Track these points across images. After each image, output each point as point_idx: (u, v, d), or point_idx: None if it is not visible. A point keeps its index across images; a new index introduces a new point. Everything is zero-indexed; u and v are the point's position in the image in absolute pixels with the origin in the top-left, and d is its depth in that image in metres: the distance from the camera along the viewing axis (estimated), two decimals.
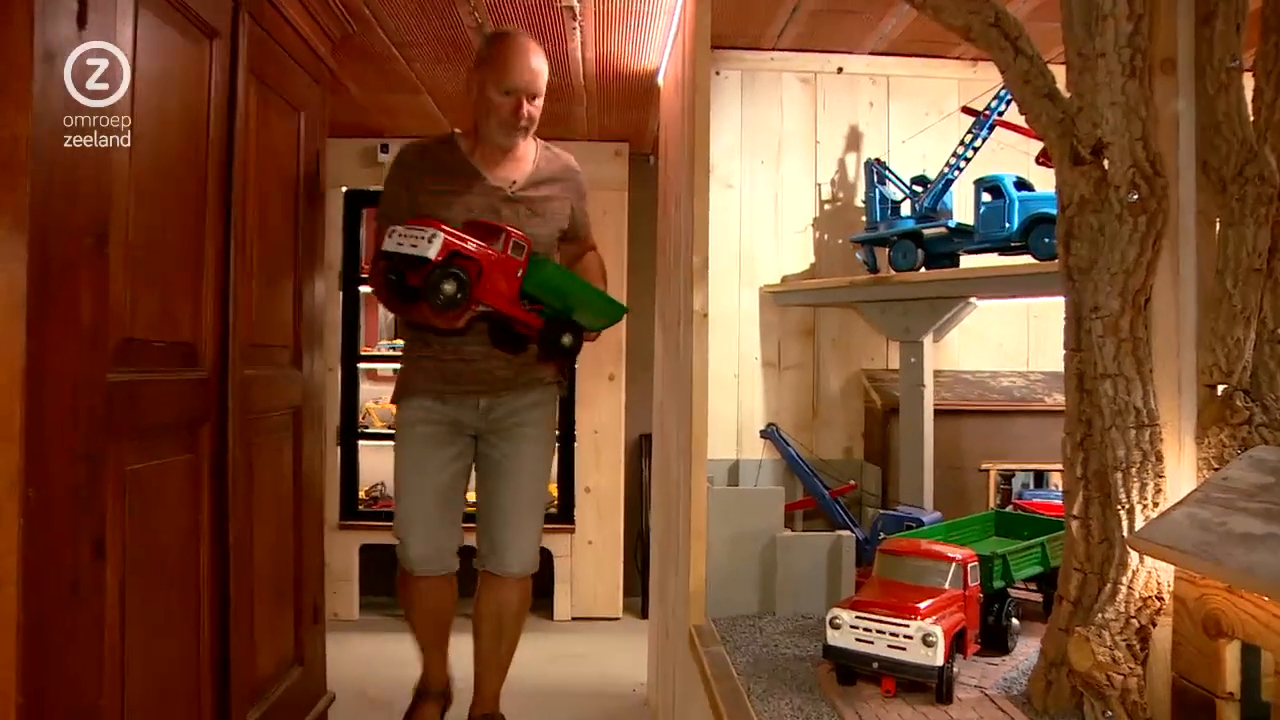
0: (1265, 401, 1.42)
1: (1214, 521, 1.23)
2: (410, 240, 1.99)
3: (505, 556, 2.38)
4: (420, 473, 2.34)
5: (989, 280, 2.29)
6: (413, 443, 2.36)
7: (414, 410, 2.37)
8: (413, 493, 2.35)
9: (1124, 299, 1.45)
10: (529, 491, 2.42)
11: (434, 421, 2.35)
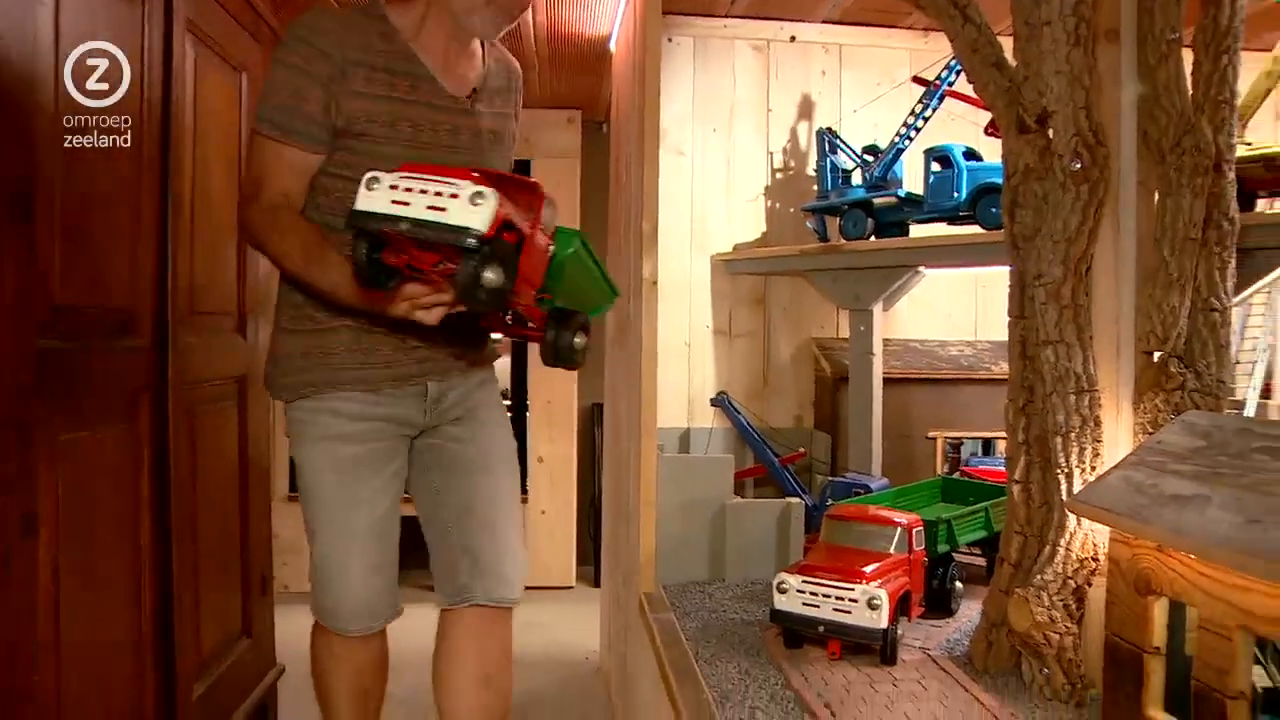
0: (1198, 368, 1.46)
1: (1147, 484, 1.26)
2: (430, 197, 1.25)
3: (501, 575, 1.69)
4: (350, 507, 1.64)
5: (938, 249, 2.32)
6: (334, 469, 1.63)
7: (329, 418, 1.63)
8: (341, 536, 1.65)
9: (1066, 266, 1.47)
10: (508, 486, 1.79)
11: (364, 433, 1.64)
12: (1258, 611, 1.06)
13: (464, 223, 1.22)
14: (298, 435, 1.67)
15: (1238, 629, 1.09)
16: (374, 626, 1.71)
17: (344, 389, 1.63)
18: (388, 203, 1.26)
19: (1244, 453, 1.20)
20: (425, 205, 1.24)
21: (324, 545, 1.67)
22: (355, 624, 1.69)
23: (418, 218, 1.24)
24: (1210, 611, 1.13)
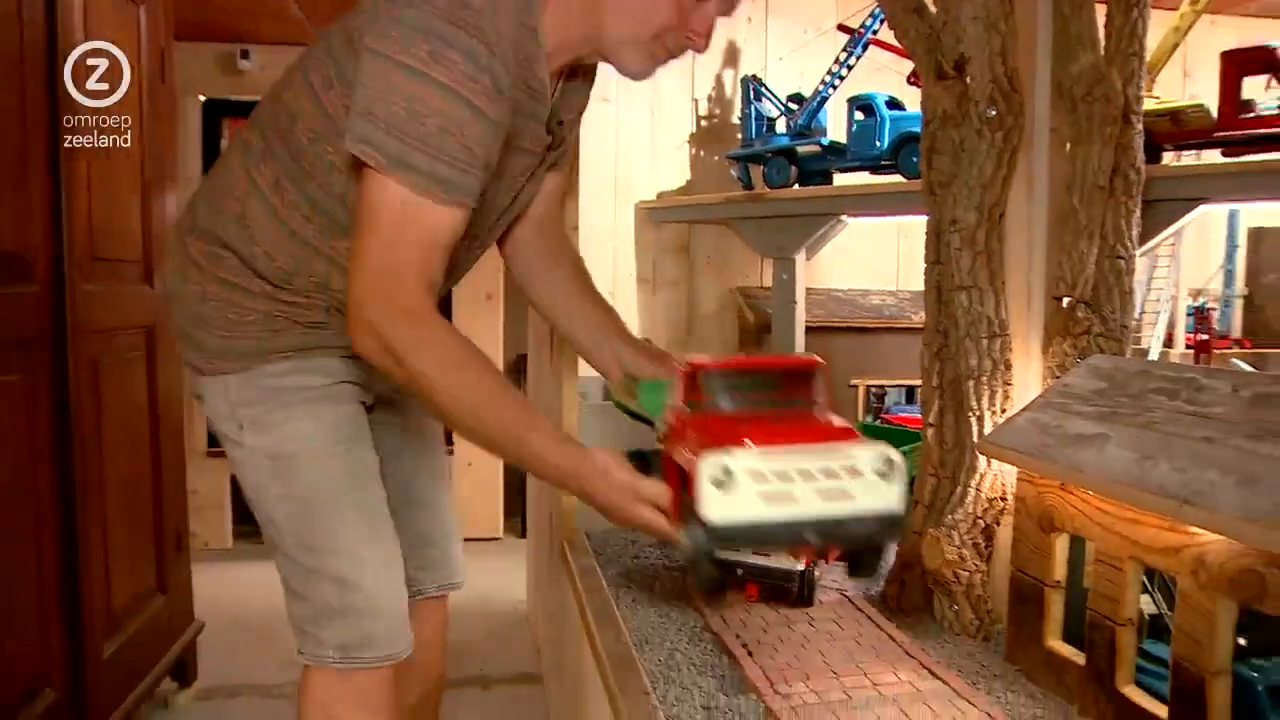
0: (1104, 313, 1.50)
1: (1052, 425, 1.29)
2: (820, 481, 0.94)
3: (450, 564, 1.63)
4: (370, 480, 1.38)
5: (860, 198, 2.33)
6: (337, 435, 1.36)
7: (303, 377, 1.35)
8: (373, 525, 1.36)
9: (980, 212, 1.49)
10: (442, 459, 1.69)
11: (348, 394, 1.41)
12: (1147, 543, 1.11)
13: (880, 507, 0.95)
14: (270, 407, 1.33)
15: (1129, 560, 1.14)
16: (410, 646, 1.39)
17: (323, 354, 1.37)
18: (761, 505, 0.91)
19: (1141, 393, 1.24)
20: (816, 492, 0.93)
21: (352, 546, 1.32)
22: (403, 642, 1.36)
23: (820, 519, 0.93)
24: (1105, 545, 1.18)
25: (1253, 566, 0.96)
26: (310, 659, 1.35)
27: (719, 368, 1.12)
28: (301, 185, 1.30)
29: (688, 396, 1.11)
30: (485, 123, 1.16)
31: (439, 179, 1.14)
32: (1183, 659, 1.06)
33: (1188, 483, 1.02)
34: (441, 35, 1.11)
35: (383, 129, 1.12)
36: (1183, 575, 1.06)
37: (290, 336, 1.35)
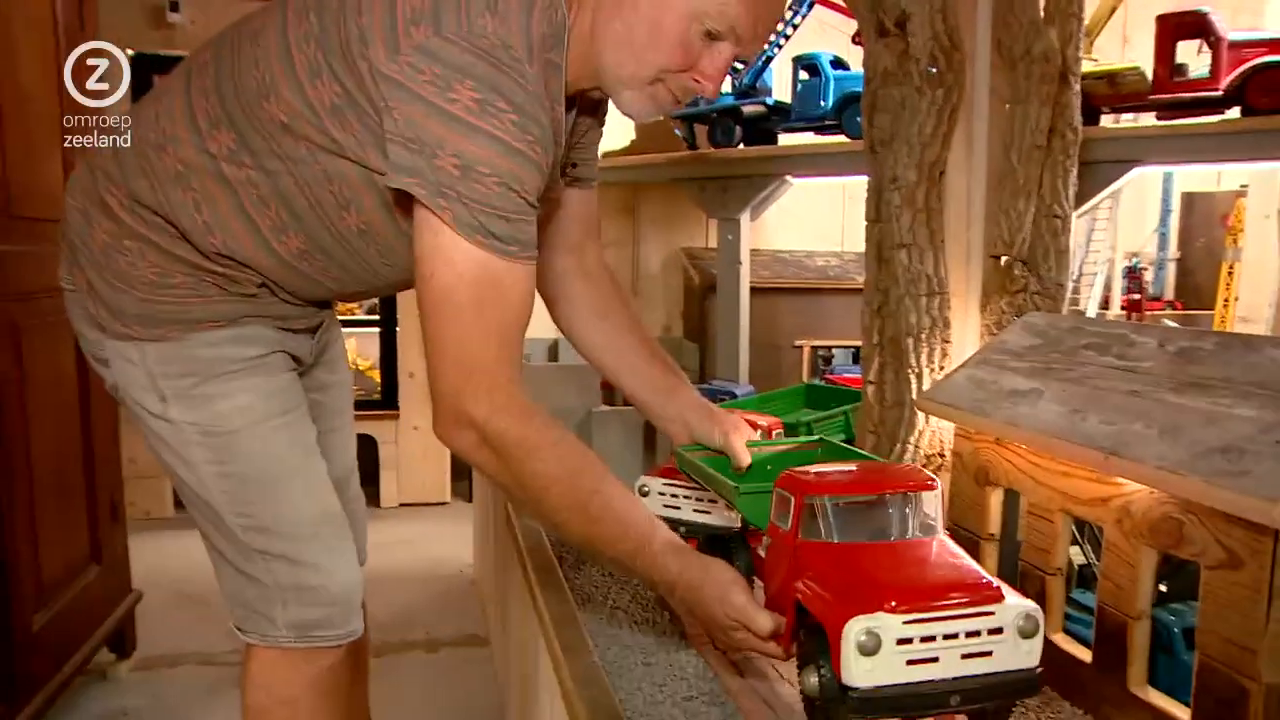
0: (1040, 272, 1.52)
1: (988, 381, 1.31)
2: (961, 642, 0.90)
3: (362, 543, 1.51)
4: (312, 452, 1.31)
5: (804, 158, 2.33)
6: (278, 405, 1.27)
7: (235, 348, 1.25)
8: (319, 501, 1.30)
9: (921, 171, 1.49)
10: (354, 431, 1.60)
11: (282, 363, 1.31)
12: (1076, 495, 1.13)
13: (1020, 665, 0.90)
14: (201, 380, 1.22)
15: (1059, 512, 1.16)
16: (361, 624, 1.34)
17: (253, 320, 1.27)
18: (904, 670, 0.88)
19: (1073, 349, 1.26)
20: (960, 656, 0.89)
21: (300, 525, 1.26)
22: (356, 620, 1.31)
23: (961, 680, 0.89)
24: (1037, 497, 1.20)
25: (1172, 514, 0.99)
26: (259, 639, 1.29)
27: (834, 493, 1.03)
28: (267, 168, 1.17)
29: (799, 518, 1.04)
30: (541, 174, 1.07)
31: (515, 239, 1.05)
32: (1107, 604, 1.09)
33: (1114, 435, 1.05)
34: (488, 81, 1.00)
35: (433, 188, 1.01)
36: (1109, 525, 1.08)
37: (221, 305, 1.24)
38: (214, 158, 1.18)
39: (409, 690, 2.42)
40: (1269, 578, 0.89)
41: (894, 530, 1.02)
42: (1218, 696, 0.94)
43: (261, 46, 1.16)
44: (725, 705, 1.13)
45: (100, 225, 1.24)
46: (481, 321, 1.05)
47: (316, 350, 1.43)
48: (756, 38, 1.14)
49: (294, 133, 1.14)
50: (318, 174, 1.16)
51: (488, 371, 1.06)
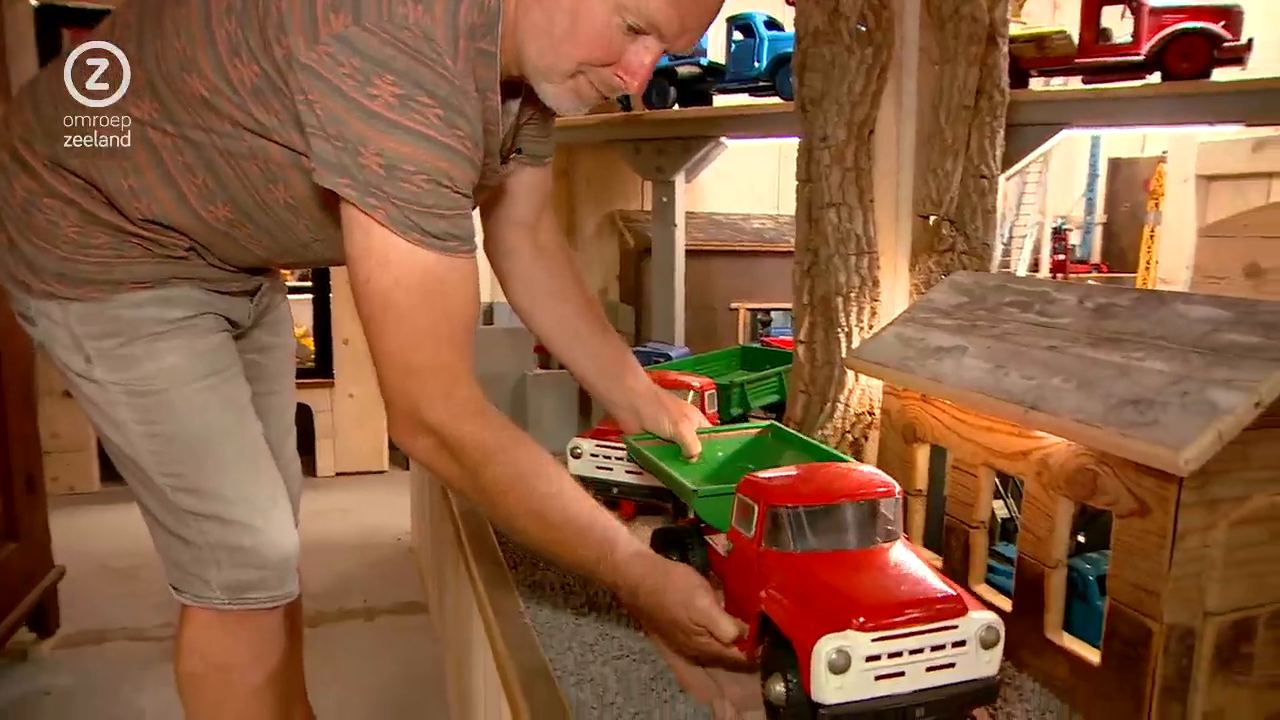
0: (967, 231, 1.54)
1: (915, 338, 1.33)
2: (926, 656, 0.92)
3: (298, 503, 1.52)
4: (245, 414, 1.28)
5: (738, 119, 2.32)
6: (206, 367, 1.24)
7: (160, 309, 1.21)
8: (251, 461, 1.28)
9: (850, 129, 1.49)
10: (294, 406, 1.58)
11: (212, 325, 1.28)
12: (998, 449, 1.15)
13: (980, 675, 0.92)
14: (126, 340, 1.19)
15: (982, 467, 1.19)
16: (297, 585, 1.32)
17: (180, 283, 1.23)
18: (871, 685, 0.88)
19: (997, 307, 1.28)
20: (925, 669, 0.90)
21: (230, 486, 1.23)
22: (292, 582, 1.29)
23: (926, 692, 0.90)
24: (961, 452, 1.23)
25: (1087, 465, 1.01)
26: (193, 599, 1.27)
27: (798, 502, 1.02)
28: (191, 138, 1.13)
29: (762, 527, 1.03)
30: (472, 167, 1.03)
31: (452, 234, 1.01)
32: (1026, 554, 1.11)
33: (1034, 389, 1.07)
34: (409, 75, 0.96)
35: (362, 188, 0.97)
36: (1029, 478, 1.11)
37: (145, 267, 1.21)
38: (140, 123, 1.14)
39: (347, 659, 2.40)
40: (1173, 524, 0.91)
41: (857, 538, 1.02)
42: (1125, 638, 0.97)
43: (184, 10, 1.10)
44: (655, 663, 1.14)
45: (19, 180, 1.19)
46: (428, 323, 1.01)
47: (256, 313, 1.40)
48: (684, 32, 1.08)
49: (216, 110, 1.10)
50: (243, 149, 1.12)
51: (440, 374, 1.03)
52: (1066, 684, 1.07)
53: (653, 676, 1.10)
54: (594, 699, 1.05)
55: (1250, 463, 0.94)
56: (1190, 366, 0.96)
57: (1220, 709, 0.97)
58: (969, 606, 0.92)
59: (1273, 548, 0.97)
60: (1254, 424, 0.89)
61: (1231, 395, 0.89)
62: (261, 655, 1.30)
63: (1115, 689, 0.99)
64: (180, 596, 1.29)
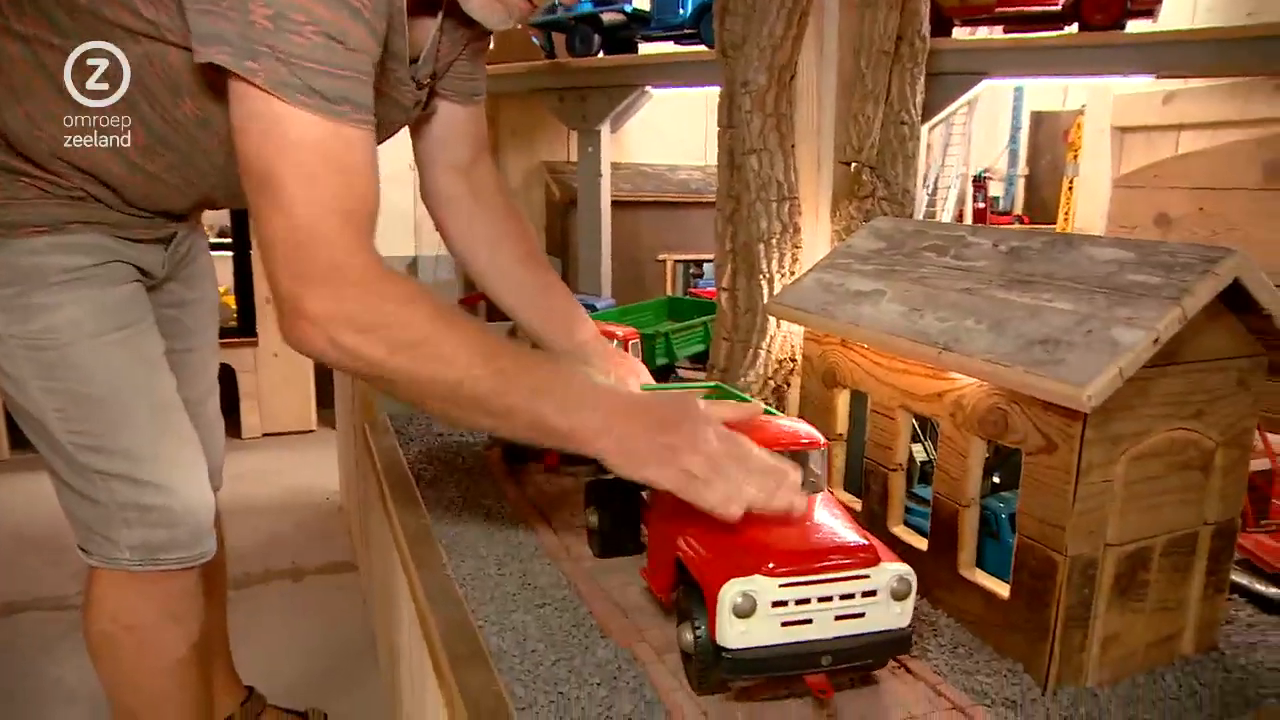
0: (887, 177, 1.54)
1: (835, 284, 1.33)
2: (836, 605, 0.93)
3: (218, 461, 1.48)
4: (155, 368, 1.22)
5: (663, 67, 2.29)
6: (112, 319, 1.18)
7: (63, 257, 1.14)
8: (160, 416, 1.21)
9: (771, 74, 1.48)
10: (216, 352, 1.52)
11: (121, 274, 1.21)
12: (915, 392, 1.17)
13: (890, 626, 0.93)
14: (26, 289, 1.12)
15: (899, 409, 1.20)
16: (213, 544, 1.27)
17: (83, 228, 1.15)
18: (778, 631, 0.89)
19: (915, 251, 1.29)
20: (834, 617, 0.91)
21: (140, 444, 1.17)
22: (207, 542, 1.24)
23: (834, 642, 0.90)
24: (880, 396, 1.24)
25: (999, 405, 1.03)
26: (101, 560, 1.22)
27: None
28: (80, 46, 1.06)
29: None
30: (371, 33, 0.93)
31: (346, 99, 0.91)
32: (941, 494, 1.14)
33: (948, 331, 1.08)
34: None
35: (242, 50, 0.87)
36: (943, 419, 1.12)
37: (42, 209, 1.13)
38: (26, 42, 1.06)
39: (274, 621, 2.37)
40: (1077, 460, 0.94)
41: None
42: (1032, 571, 1.00)
43: None
44: (578, 610, 1.14)
45: None
46: (316, 195, 0.90)
47: (171, 263, 1.32)
48: None
49: (101, 15, 1.03)
50: (139, 57, 1.05)
51: (331, 252, 0.91)
52: (978, 618, 1.10)
53: (574, 623, 1.10)
54: (515, 647, 1.05)
55: (1150, 399, 0.97)
56: (1095, 306, 0.98)
57: (1117, 634, 1.01)
58: (881, 557, 0.93)
59: (1168, 480, 1.01)
60: (1153, 361, 0.92)
61: (1132, 333, 0.91)
62: (176, 616, 1.26)
63: (1023, 620, 1.02)
64: (89, 559, 1.24)
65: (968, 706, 0.95)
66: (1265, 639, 1.13)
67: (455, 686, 0.97)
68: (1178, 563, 1.05)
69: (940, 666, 1.03)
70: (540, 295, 1.43)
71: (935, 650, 1.07)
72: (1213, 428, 1.03)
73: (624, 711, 0.92)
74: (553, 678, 0.98)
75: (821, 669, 0.90)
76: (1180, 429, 1.01)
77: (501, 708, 0.93)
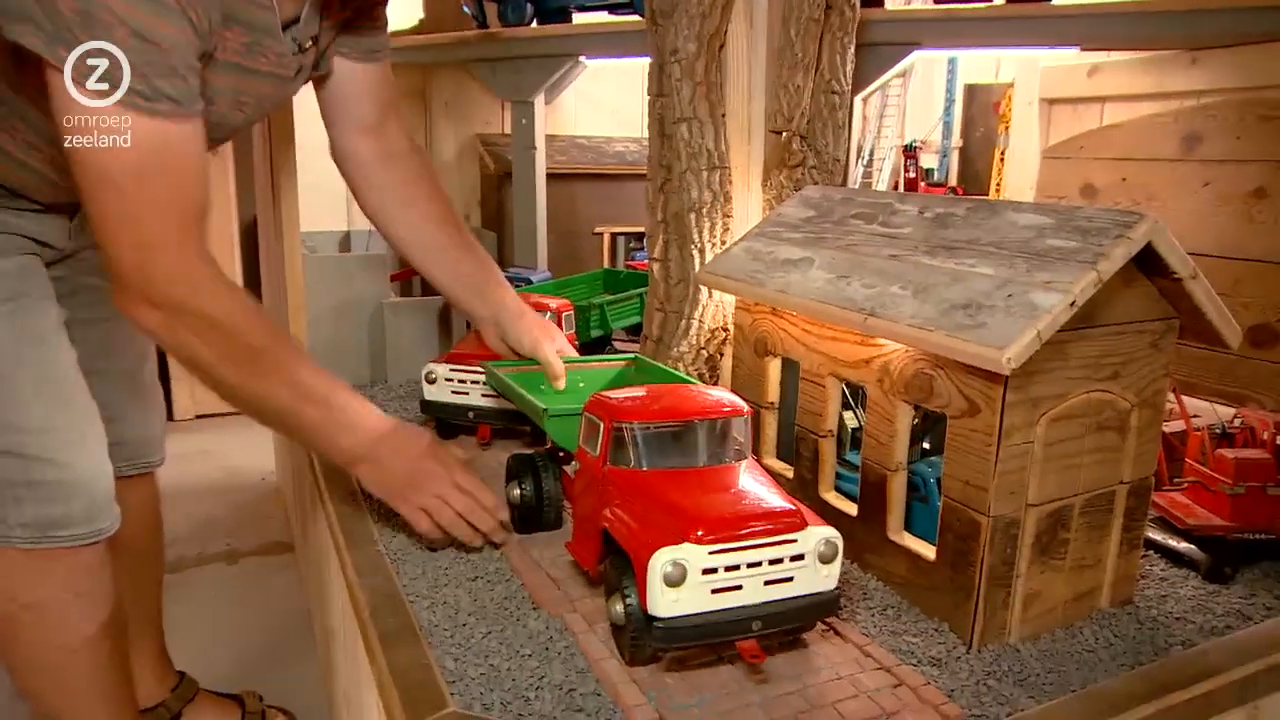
0: (818, 146, 1.55)
1: (765, 252, 1.33)
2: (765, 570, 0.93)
3: (156, 432, 1.45)
4: (42, 341, 1.17)
5: (597, 37, 2.27)
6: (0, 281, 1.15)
7: None
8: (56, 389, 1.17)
9: (700, 42, 1.47)
10: None
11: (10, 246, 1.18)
12: (843, 358, 1.18)
13: (819, 589, 0.94)
14: None
15: (828, 376, 1.21)
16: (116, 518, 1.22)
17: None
18: (708, 599, 0.90)
19: (844, 219, 1.30)
20: (763, 583, 0.92)
21: (29, 419, 1.13)
22: (108, 518, 1.20)
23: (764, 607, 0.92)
24: (810, 364, 1.25)
25: (924, 370, 1.05)
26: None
27: (643, 420, 1.01)
28: None
29: (607, 445, 1.02)
30: (189, 26, 0.94)
31: (163, 95, 0.93)
32: (870, 460, 1.15)
33: (874, 297, 1.09)
34: None
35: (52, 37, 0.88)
36: (871, 385, 1.14)
37: None
38: None
39: (209, 603, 2.32)
40: (999, 422, 0.96)
41: (703, 457, 1.03)
42: (956, 532, 1.02)
43: None
44: (510, 583, 1.13)
45: None
46: (148, 194, 0.96)
47: (83, 232, 1.26)
48: None
49: None
50: None
51: (168, 249, 0.99)
52: (906, 580, 1.12)
53: (506, 596, 1.10)
54: (446, 621, 1.04)
55: (1068, 362, 0.99)
56: (1015, 271, 0.99)
57: (1039, 592, 1.04)
58: (808, 521, 0.94)
59: (1086, 441, 1.04)
60: (1071, 324, 0.94)
61: (1050, 296, 0.93)
62: (79, 593, 1.20)
63: (948, 580, 1.04)
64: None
65: (894, 666, 0.97)
66: (1176, 591, 1.17)
67: (384, 662, 0.95)
68: (1095, 521, 1.08)
69: (869, 628, 1.05)
70: (453, 257, 1.44)
71: (864, 613, 1.09)
72: (1128, 389, 1.06)
73: (555, 681, 0.92)
74: (484, 650, 0.98)
75: (752, 634, 0.92)
76: (1097, 390, 1.03)
77: (431, 682, 0.92)
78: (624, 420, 1.02)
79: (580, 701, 0.89)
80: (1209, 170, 2.11)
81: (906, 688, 0.93)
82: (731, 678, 0.94)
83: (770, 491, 0.99)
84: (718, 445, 1.04)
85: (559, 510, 1.24)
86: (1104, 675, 0.97)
